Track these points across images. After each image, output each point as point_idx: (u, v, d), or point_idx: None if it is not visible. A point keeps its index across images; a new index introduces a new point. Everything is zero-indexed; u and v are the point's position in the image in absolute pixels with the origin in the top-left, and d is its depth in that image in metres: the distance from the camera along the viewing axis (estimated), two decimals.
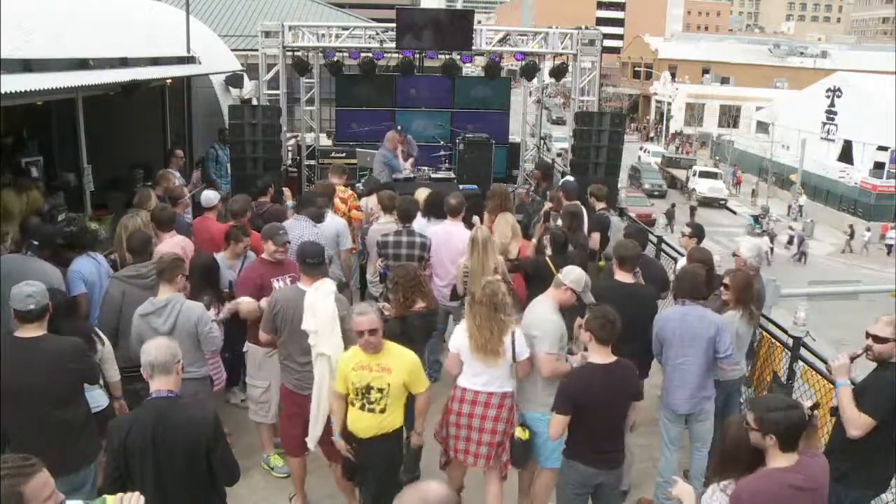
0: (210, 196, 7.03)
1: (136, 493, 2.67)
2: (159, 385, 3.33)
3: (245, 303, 5.06)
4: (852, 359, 3.95)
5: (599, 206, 7.57)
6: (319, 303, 4.40)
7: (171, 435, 3.25)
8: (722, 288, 5.13)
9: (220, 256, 5.65)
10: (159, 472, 3.26)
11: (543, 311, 4.45)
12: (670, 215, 34.90)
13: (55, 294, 4.18)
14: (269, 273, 5.14)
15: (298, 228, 6.14)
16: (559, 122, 41.85)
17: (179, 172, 9.73)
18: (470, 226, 6.84)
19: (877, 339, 3.84)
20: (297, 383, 4.61)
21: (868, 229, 33.53)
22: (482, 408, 4.41)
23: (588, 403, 3.93)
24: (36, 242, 5.27)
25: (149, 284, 4.89)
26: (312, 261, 4.57)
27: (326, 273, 4.81)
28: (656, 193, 38.90)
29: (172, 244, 6.07)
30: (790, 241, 32.38)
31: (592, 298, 4.44)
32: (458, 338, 4.47)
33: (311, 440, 4.56)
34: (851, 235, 33.37)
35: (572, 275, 4.45)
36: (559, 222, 7.18)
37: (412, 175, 10.56)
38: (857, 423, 3.76)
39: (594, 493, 4.16)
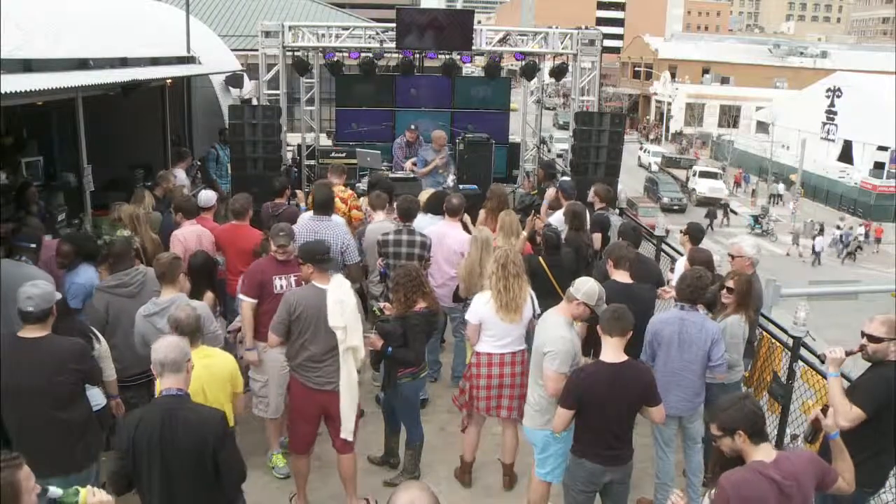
0: (208, 196, 7.04)
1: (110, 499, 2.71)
2: (169, 383, 3.32)
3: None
4: (848, 354, 3.96)
5: (599, 205, 7.56)
6: (346, 298, 4.47)
7: (179, 433, 3.25)
8: (724, 291, 5.13)
9: None
10: (166, 471, 3.26)
11: (556, 326, 4.36)
12: (712, 214, 35.12)
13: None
14: (273, 271, 5.13)
15: (328, 228, 6.05)
16: (566, 127, 41.34)
17: (186, 172, 9.79)
18: (465, 226, 6.84)
19: (871, 338, 3.85)
20: (321, 380, 4.59)
21: (838, 227, 33.71)
22: (509, 367, 4.97)
23: (592, 401, 3.94)
24: (33, 245, 5.19)
25: (132, 293, 4.81)
26: (321, 257, 4.59)
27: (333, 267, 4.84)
28: (676, 207, 35.73)
29: (191, 231, 6.19)
30: (840, 240, 32.54)
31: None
32: (479, 309, 4.88)
33: (349, 432, 4.63)
34: (821, 235, 33.49)
35: (584, 288, 4.34)
36: (558, 218, 7.18)
37: (412, 175, 10.58)
38: (848, 414, 3.75)
39: (603, 490, 4.17)
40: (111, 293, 4.82)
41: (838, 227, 33.54)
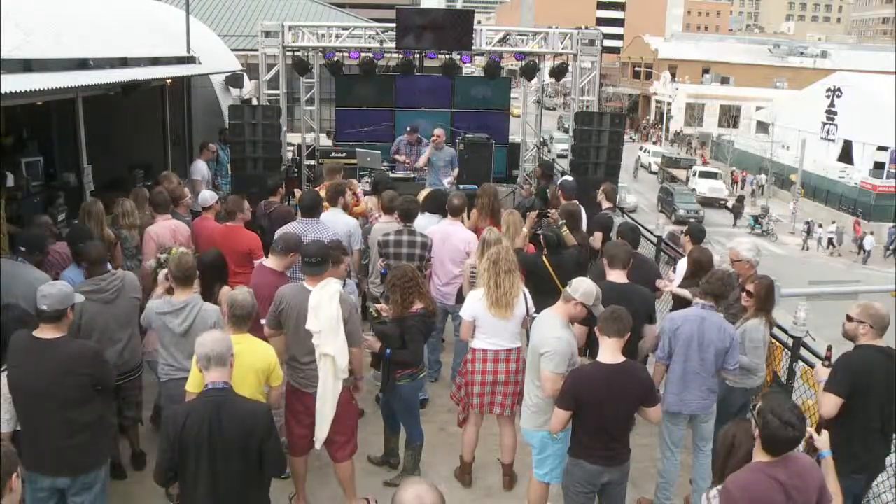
0: (206, 196, 7.03)
1: None
2: (215, 377, 3.39)
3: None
4: (827, 363, 4.28)
5: (606, 205, 7.55)
6: (324, 304, 4.38)
7: (227, 426, 3.31)
8: (744, 295, 5.12)
9: None
10: (213, 463, 3.31)
11: (552, 326, 4.34)
12: (737, 211, 34.82)
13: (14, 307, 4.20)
14: (278, 285, 5.04)
15: (316, 231, 6.02)
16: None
17: (208, 164, 9.99)
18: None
19: (848, 318, 4.19)
20: (302, 381, 4.58)
21: (820, 226, 33.87)
22: (504, 364, 4.97)
23: (590, 401, 3.94)
24: (23, 249, 5.19)
25: (108, 298, 4.75)
26: (311, 260, 4.53)
27: (327, 271, 4.68)
28: (692, 220, 32.44)
29: (164, 226, 6.25)
30: (892, 244, 32.60)
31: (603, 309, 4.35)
32: (473, 306, 4.91)
33: (318, 440, 4.58)
34: (808, 233, 33.52)
35: (582, 288, 4.33)
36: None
37: (412, 175, 10.60)
38: (821, 402, 4.08)
39: (602, 490, 4.17)
40: (86, 297, 4.62)
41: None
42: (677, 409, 4.81)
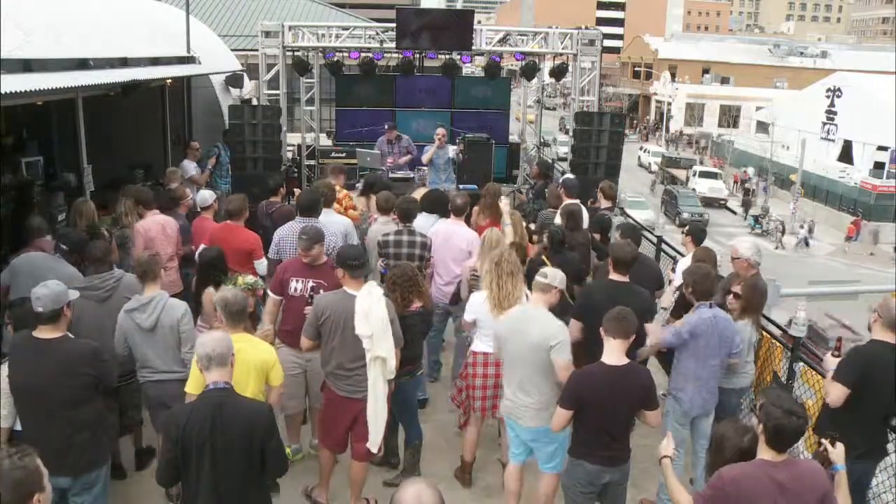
0: (205, 196, 7.04)
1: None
2: (216, 377, 3.39)
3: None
4: (837, 353, 4.41)
5: (605, 204, 7.54)
6: (374, 307, 4.38)
7: (229, 425, 3.31)
8: (731, 297, 5.12)
9: None
10: (215, 463, 3.31)
11: (550, 318, 4.36)
12: (747, 204, 34.57)
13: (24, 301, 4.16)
14: (293, 272, 5.07)
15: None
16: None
17: (197, 163, 10.00)
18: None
19: (870, 308, 4.34)
20: (350, 388, 4.57)
21: (802, 226, 33.89)
22: None
23: (591, 402, 3.94)
24: (65, 247, 5.34)
25: (101, 297, 4.76)
26: (355, 263, 4.54)
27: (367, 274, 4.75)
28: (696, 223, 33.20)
29: (153, 221, 6.37)
30: None
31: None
32: (476, 308, 4.94)
33: (374, 444, 4.57)
34: (783, 232, 33.44)
35: (559, 276, 4.46)
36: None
37: (412, 175, 10.59)
38: (827, 390, 4.13)
39: (602, 491, 4.16)
40: (80, 293, 4.60)
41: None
42: (700, 410, 4.82)
